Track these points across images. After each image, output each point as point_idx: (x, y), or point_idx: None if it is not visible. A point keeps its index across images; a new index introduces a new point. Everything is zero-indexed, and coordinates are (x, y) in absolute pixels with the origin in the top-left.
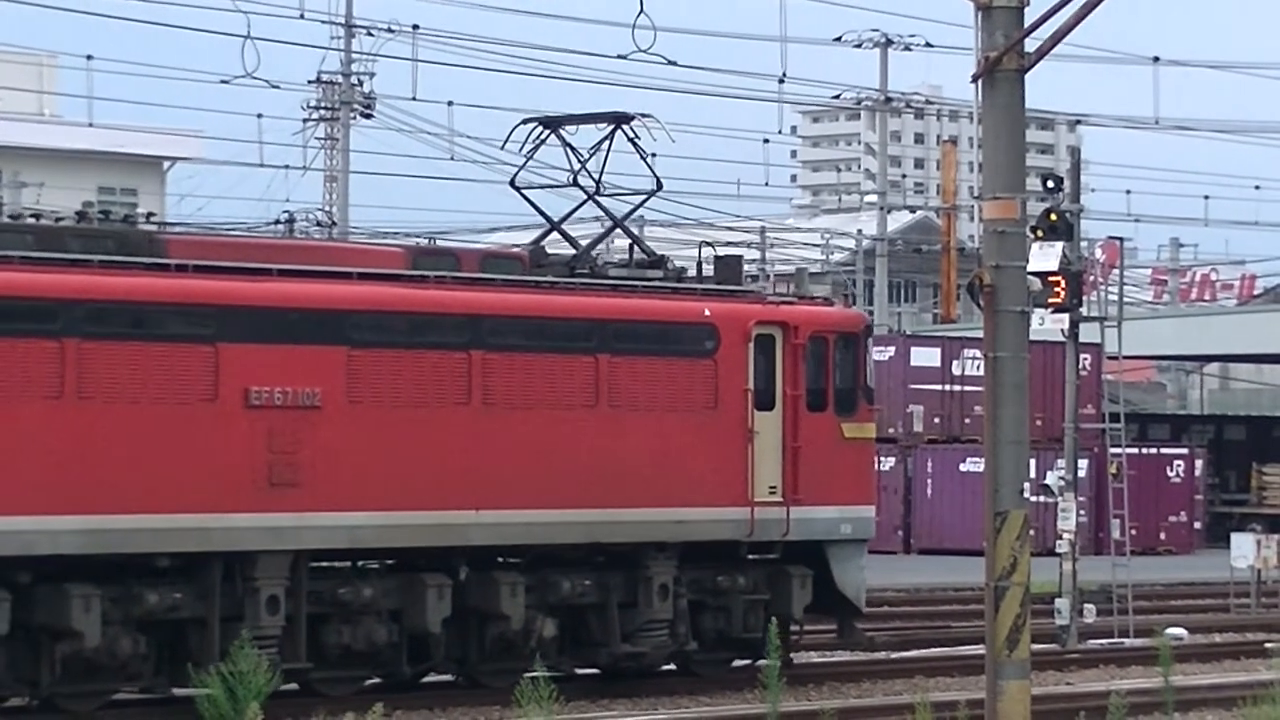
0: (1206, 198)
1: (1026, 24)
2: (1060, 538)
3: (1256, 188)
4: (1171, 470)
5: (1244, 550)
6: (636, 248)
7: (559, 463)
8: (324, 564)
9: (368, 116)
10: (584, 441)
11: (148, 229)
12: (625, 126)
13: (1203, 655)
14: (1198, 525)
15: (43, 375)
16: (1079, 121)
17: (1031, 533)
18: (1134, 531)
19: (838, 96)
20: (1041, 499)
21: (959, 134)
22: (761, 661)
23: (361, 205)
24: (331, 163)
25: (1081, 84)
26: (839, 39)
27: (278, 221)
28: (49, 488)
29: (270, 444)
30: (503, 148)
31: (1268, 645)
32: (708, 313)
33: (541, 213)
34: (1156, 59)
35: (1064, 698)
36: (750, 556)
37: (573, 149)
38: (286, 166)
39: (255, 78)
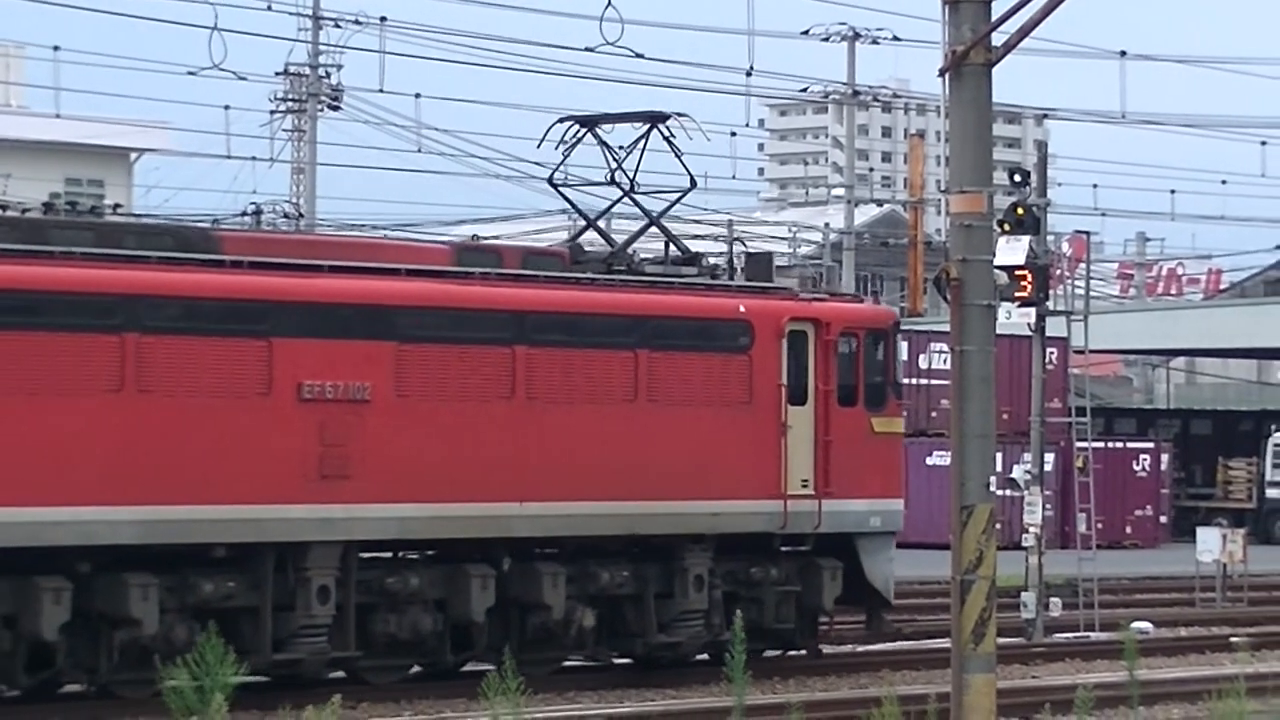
0: (1173, 192)
1: (993, 18)
2: (1026, 532)
3: (1223, 182)
4: (1137, 464)
5: (1209, 544)
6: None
7: (599, 456)
8: (369, 554)
9: (335, 108)
10: (623, 435)
11: (201, 226)
12: (660, 125)
13: (1168, 649)
14: (1163, 519)
15: (103, 369)
16: (1046, 115)
17: (997, 526)
18: (1100, 525)
19: (805, 90)
20: (1008, 493)
21: (926, 128)
22: (792, 651)
23: (329, 197)
24: (299, 154)
25: (1048, 78)
26: (806, 32)
27: (245, 213)
28: (109, 479)
29: (322, 437)
30: (539, 146)
31: (1232, 639)
32: (743, 309)
33: (578, 210)
34: (1123, 53)
35: (1029, 691)
36: (783, 548)
37: (608, 147)
38: (254, 158)
39: (222, 69)
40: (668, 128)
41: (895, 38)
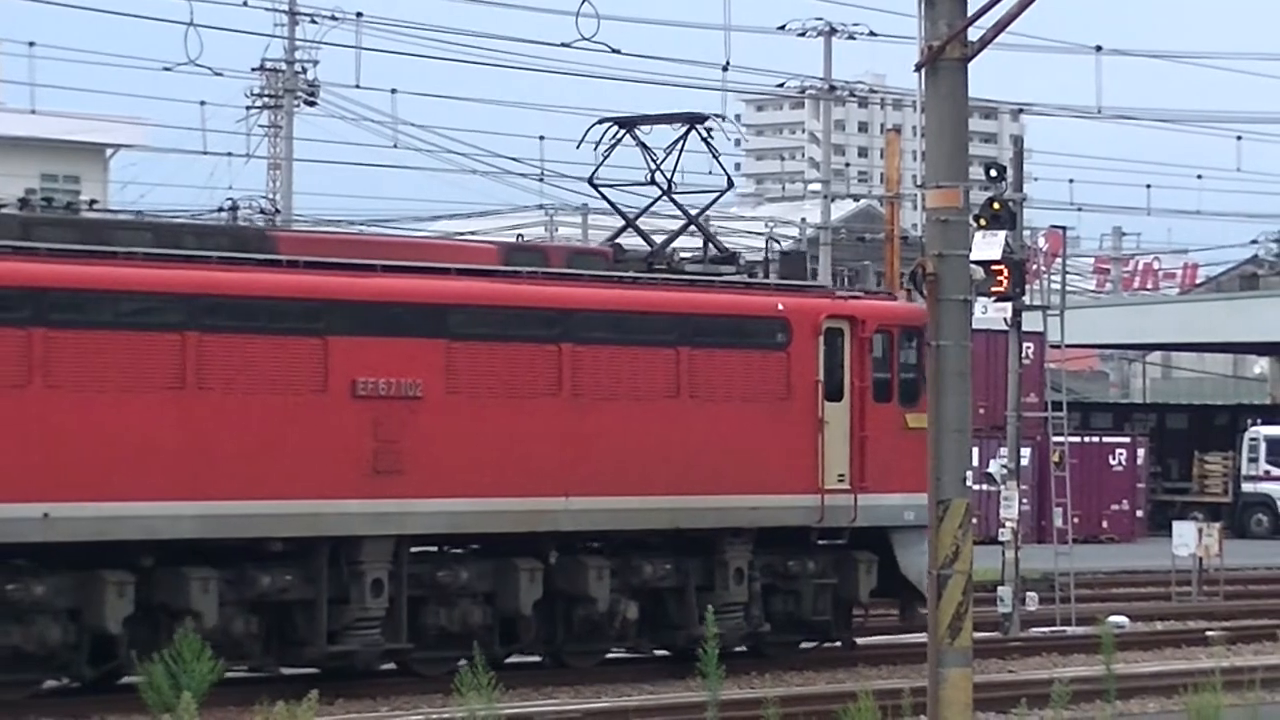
0: (1149, 187)
1: (969, 13)
2: (1003, 526)
3: (1199, 177)
4: (1114, 459)
5: (1186, 538)
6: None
7: (643, 451)
8: (418, 549)
9: (311, 104)
10: (666, 431)
11: (258, 225)
12: (699, 127)
13: (1144, 643)
14: (1140, 513)
15: (165, 367)
16: (1022, 110)
17: (974, 521)
18: (1076, 520)
19: (782, 85)
20: (984, 487)
21: (903, 123)
22: (828, 643)
23: (305, 193)
24: (275, 150)
25: (1024, 73)
26: (783, 27)
27: (221, 209)
28: (171, 475)
29: (375, 433)
30: (578, 147)
31: (1209, 633)
32: (781, 307)
33: (618, 210)
34: (1099, 48)
35: (1006, 685)
36: (819, 542)
37: (647, 148)
38: (230, 154)
39: (198, 65)
40: (705, 129)
41: (872, 33)
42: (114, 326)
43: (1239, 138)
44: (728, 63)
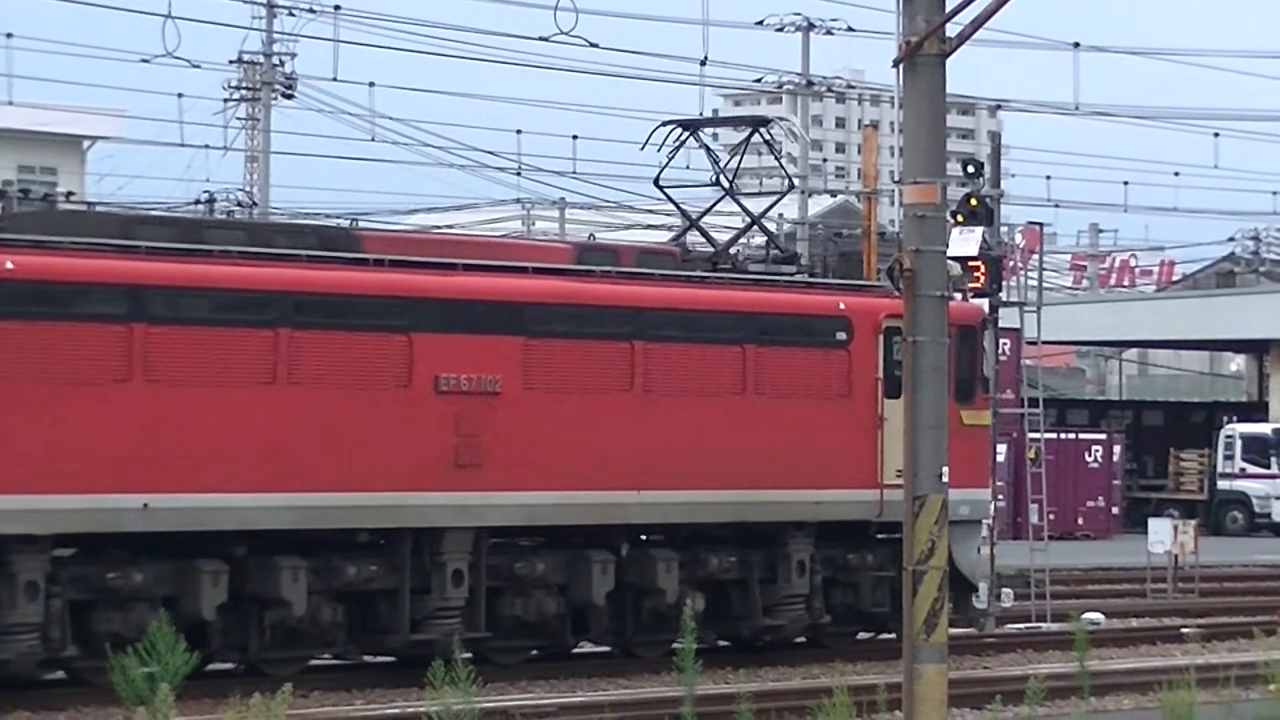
0: (1126, 184)
1: (948, 9)
2: None
3: (1176, 174)
4: (1090, 455)
5: (1161, 535)
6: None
7: (710, 446)
8: (496, 540)
9: (289, 97)
10: (732, 427)
11: (343, 226)
12: (762, 129)
13: (1119, 640)
14: (1115, 510)
15: (258, 362)
16: (999, 107)
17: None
18: (1052, 516)
19: (759, 80)
20: None
21: (880, 118)
22: (884, 634)
23: (282, 186)
24: (252, 143)
25: (1002, 69)
26: (761, 23)
27: (198, 201)
28: (264, 467)
29: (456, 427)
30: (642, 149)
31: (1184, 630)
32: (842, 306)
33: (682, 211)
34: (1077, 45)
35: (981, 681)
36: (878, 535)
37: (709, 150)
38: (207, 146)
39: (176, 57)
40: (769, 131)
41: (850, 29)
42: (210, 323)
43: (1216, 135)
44: (706, 57)
